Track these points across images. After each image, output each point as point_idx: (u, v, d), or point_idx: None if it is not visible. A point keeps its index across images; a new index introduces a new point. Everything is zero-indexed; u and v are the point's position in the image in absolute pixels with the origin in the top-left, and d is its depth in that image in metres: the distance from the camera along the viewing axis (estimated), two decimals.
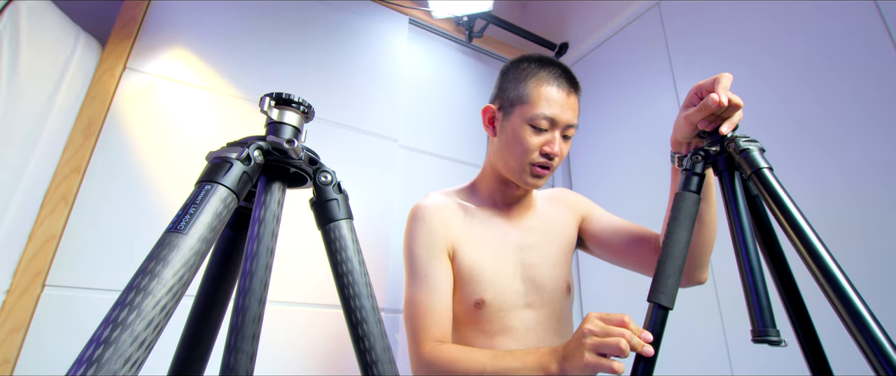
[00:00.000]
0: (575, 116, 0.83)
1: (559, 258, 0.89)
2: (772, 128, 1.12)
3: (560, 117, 0.80)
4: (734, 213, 0.55)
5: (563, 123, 0.81)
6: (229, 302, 0.42)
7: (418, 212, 0.87)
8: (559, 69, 0.84)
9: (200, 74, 1.22)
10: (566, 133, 0.83)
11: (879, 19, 0.97)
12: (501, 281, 0.83)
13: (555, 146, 0.80)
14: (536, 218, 0.93)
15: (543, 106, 0.80)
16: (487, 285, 0.82)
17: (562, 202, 0.98)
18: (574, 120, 0.83)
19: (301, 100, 0.45)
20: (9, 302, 0.87)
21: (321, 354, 1.15)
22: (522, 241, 0.88)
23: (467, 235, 0.85)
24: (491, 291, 0.81)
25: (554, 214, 0.95)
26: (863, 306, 0.42)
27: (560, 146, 0.82)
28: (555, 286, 0.86)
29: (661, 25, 1.51)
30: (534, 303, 0.84)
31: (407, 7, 1.66)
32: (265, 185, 0.42)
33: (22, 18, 0.88)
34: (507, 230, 0.89)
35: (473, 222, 0.88)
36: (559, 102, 0.81)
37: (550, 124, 0.81)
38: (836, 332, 0.50)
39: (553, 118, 0.80)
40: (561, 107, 0.81)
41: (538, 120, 0.80)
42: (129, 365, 0.26)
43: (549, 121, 0.80)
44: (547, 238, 0.90)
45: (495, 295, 0.81)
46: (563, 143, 0.83)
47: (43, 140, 0.94)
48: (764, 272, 0.53)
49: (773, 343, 0.49)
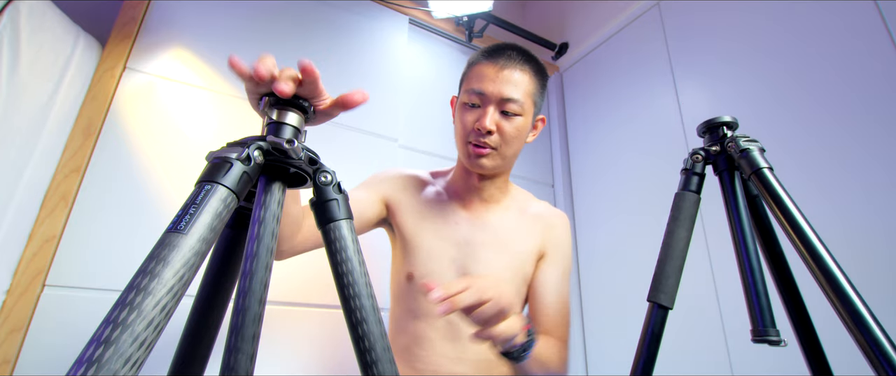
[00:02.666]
0: (514, 90, 0.78)
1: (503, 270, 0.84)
2: (772, 128, 1.12)
3: (488, 90, 0.78)
4: (734, 213, 0.55)
5: (495, 96, 0.78)
6: (229, 302, 0.42)
7: (386, 169, 0.94)
8: (505, 50, 0.82)
9: (200, 74, 1.22)
10: (505, 108, 0.79)
11: (879, 19, 0.97)
12: (435, 263, 0.82)
13: (485, 120, 0.77)
14: (500, 223, 0.88)
15: (473, 81, 0.80)
16: (420, 262, 0.82)
17: (544, 224, 0.91)
18: (511, 93, 0.78)
19: (301, 101, 0.45)
20: (9, 302, 0.87)
21: (321, 354, 1.15)
22: (472, 237, 0.85)
23: (414, 206, 0.87)
24: (421, 268, 0.82)
25: (521, 230, 0.88)
26: (863, 306, 0.42)
27: (492, 120, 0.78)
28: None
29: (660, 25, 1.51)
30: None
31: (407, 7, 1.66)
32: (265, 185, 0.42)
33: (22, 18, 0.88)
34: (461, 220, 0.87)
35: (428, 199, 0.89)
36: (488, 76, 0.79)
37: (481, 99, 0.79)
38: (836, 332, 0.50)
39: (481, 91, 0.78)
40: (491, 80, 0.78)
41: (470, 96, 0.80)
42: (130, 365, 0.26)
43: (479, 96, 0.79)
44: (498, 245, 0.85)
45: (425, 274, 0.81)
46: (505, 120, 0.79)
47: (43, 140, 0.94)
48: (764, 272, 0.53)
49: (773, 343, 0.49)
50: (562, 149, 1.85)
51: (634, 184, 1.49)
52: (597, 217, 1.61)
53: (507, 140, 0.80)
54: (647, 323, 0.53)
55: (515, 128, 0.80)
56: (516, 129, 0.80)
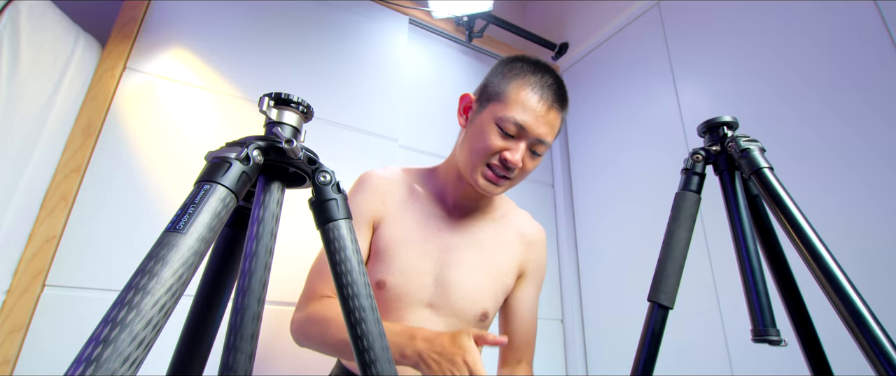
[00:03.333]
0: (550, 134, 0.76)
1: (484, 282, 0.82)
2: (772, 127, 1.12)
3: (531, 127, 0.73)
4: (734, 213, 0.55)
5: (534, 136, 0.74)
6: (228, 301, 0.42)
7: (364, 178, 0.85)
8: (550, 79, 0.77)
9: (200, 74, 1.22)
10: (535, 148, 0.76)
11: (879, 19, 0.97)
12: (410, 270, 0.78)
13: (516, 155, 0.73)
14: (483, 233, 0.85)
15: (518, 110, 0.73)
16: (394, 269, 0.78)
17: (526, 242, 0.89)
18: (547, 137, 0.75)
19: (300, 100, 0.45)
20: (9, 302, 0.87)
21: (320, 354, 1.15)
22: (453, 243, 0.82)
23: (397, 215, 0.82)
24: (394, 276, 0.77)
25: (504, 243, 0.86)
26: (863, 306, 0.42)
27: (523, 158, 0.75)
28: (465, 304, 0.79)
29: (660, 25, 1.51)
30: (438, 307, 0.79)
31: (407, 7, 1.66)
32: (264, 185, 0.42)
33: (22, 18, 0.88)
34: (443, 227, 0.83)
35: (410, 205, 0.84)
36: (535, 112, 0.74)
37: (518, 132, 0.74)
38: (836, 332, 0.49)
39: (523, 126, 0.73)
40: (536, 118, 0.73)
41: (507, 123, 0.74)
42: (128, 365, 0.26)
43: (518, 128, 0.74)
44: (479, 253, 0.83)
45: (398, 281, 0.77)
46: (530, 159, 0.77)
47: (43, 140, 0.94)
48: (764, 272, 0.53)
49: (773, 343, 0.49)
50: (562, 148, 1.85)
51: (634, 184, 1.49)
52: (597, 217, 1.61)
53: (524, 174, 0.79)
54: (647, 322, 0.53)
55: (535, 166, 0.79)
56: (535, 166, 0.79)
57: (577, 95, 1.85)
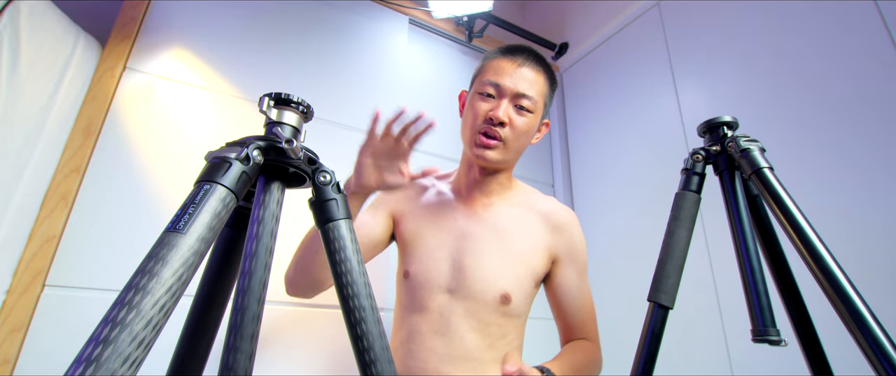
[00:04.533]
0: (530, 87, 0.82)
1: (501, 265, 0.83)
2: (772, 127, 1.11)
3: (505, 84, 0.81)
4: (734, 213, 0.55)
5: (510, 90, 0.81)
6: (228, 301, 0.42)
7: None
8: (517, 46, 0.86)
9: (200, 74, 1.22)
10: (519, 103, 0.82)
11: (879, 19, 0.97)
12: (429, 258, 0.84)
13: (498, 111, 0.80)
14: (501, 218, 0.87)
15: (490, 73, 0.83)
16: (415, 259, 0.85)
17: (552, 225, 0.89)
18: (527, 90, 0.81)
19: (300, 100, 0.45)
20: (9, 302, 0.87)
21: (320, 354, 1.15)
22: (468, 230, 0.85)
23: (417, 210, 0.89)
24: (416, 265, 0.84)
25: (526, 226, 0.87)
26: (863, 306, 0.42)
27: (507, 113, 0.81)
28: (483, 287, 0.81)
29: (660, 25, 1.51)
30: (456, 291, 0.81)
31: (407, 7, 1.66)
32: (264, 185, 0.42)
33: (22, 18, 0.88)
34: (459, 215, 0.88)
35: (429, 200, 0.91)
36: (506, 71, 0.82)
37: (497, 90, 0.82)
38: (836, 332, 0.49)
39: (498, 83, 0.81)
40: (509, 76, 0.81)
41: (484, 86, 0.82)
42: (128, 365, 0.26)
43: (495, 87, 0.82)
44: (497, 238, 0.84)
45: (419, 270, 0.83)
46: (517, 114, 0.82)
47: (43, 140, 0.94)
48: (764, 272, 0.53)
49: (773, 343, 0.49)
50: (562, 148, 1.85)
51: (634, 184, 1.49)
52: (597, 217, 1.61)
53: (516, 134, 0.82)
54: (647, 322, 0.53)
55: (526, 123, 0.83)
56: (526, 125, 0.83)
57: (576, 95, 1.85)
